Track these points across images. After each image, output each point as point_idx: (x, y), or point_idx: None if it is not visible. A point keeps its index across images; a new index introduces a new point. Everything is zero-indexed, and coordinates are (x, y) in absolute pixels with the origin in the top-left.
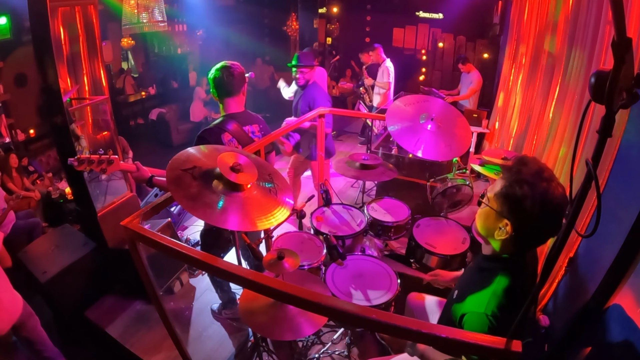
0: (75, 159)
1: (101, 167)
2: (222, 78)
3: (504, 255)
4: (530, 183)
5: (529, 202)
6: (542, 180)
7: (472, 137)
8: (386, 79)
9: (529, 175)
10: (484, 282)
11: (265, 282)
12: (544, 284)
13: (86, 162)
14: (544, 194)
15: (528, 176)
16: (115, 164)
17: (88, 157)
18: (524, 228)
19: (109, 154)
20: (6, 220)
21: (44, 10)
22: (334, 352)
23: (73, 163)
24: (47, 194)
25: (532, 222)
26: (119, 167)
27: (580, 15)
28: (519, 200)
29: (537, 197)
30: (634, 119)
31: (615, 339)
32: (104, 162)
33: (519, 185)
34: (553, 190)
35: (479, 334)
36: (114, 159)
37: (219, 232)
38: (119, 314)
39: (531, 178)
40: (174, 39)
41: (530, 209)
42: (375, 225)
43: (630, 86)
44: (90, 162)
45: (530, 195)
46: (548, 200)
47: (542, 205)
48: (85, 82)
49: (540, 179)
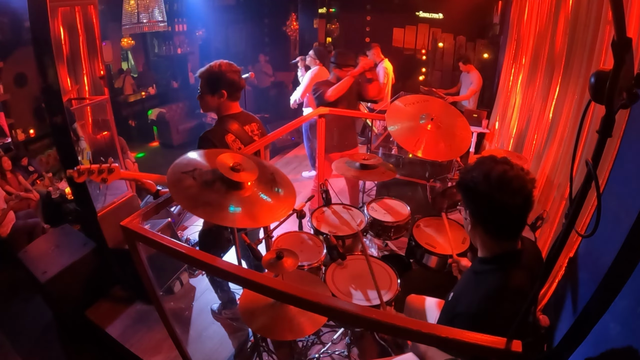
0: (75, 170)
1: (102, 176)
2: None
3: (495, 256)
4: (473, 167)
5: (480, 189)
6: (483, 163)
7: (472, 137)
8: (382, 80)
9: (473, 164)
10: (478, 284)
11: (265, 282)
12: (544, 284)
13: (86, 172)
14: (487, 171)
15: (474, 174)
16: (116, 173)
17: (88, 168)
18: (492, 216)
19: (109, 162)
20: (6, 220)
21: (44, 10)
22: (334, 352)
23: (73, 175)
24: (47, 194)
25: (491, 204)
26: (120, 176)
27: (580, 15)
28: (473, 196)
29: (482, 181)
30: (634, 119)
31: (616, 339)
32: (105, 172)
33: (465, 173)
34: (495, 166)
35: (479, 334)
36: (114, 167)
37: (218, 232)
38: (119, 314)
39: (474, 164)
40: (174, 39)
41: (483, 192)
42: (375, 225)
43: (630, 86)
44: (90, 172)
45: (478, 184)
46: (493, 176)
47: (486, 180)
48: (85, 82)
49: (482, 162)
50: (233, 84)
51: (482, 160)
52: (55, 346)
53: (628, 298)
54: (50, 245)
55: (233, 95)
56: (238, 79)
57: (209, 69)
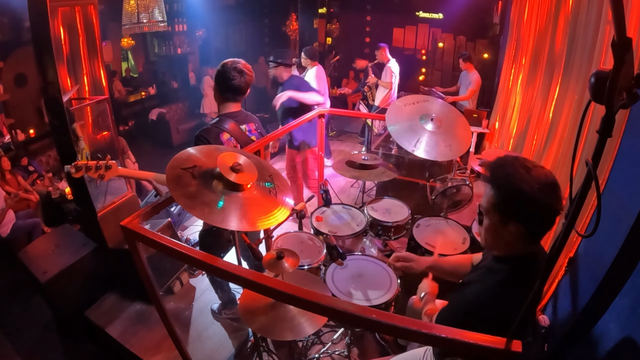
0: (72, 166)
1: (99, 172)
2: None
3: (513, 256)
4: (517, 176)
5: (527, 191)
6: (523, 168)
7: (472, 137)
8: (388, 79)
9: (513, 171)
10: (489, 278)
11: (265, 282)
12: (544, 284)
13: (84, 168)
14: (535, 177)
15: (512, 171)
16: (114, 170)
17: (85, 163)
18: (533, 219)
19: (106, 159)
20: (6, 220)
21: (44, 10)
22: (334, 352)
23: (70, 170)
24: (47, 194)
25: (537, 208)
26: (117, 173)
27: (580, 15)
28: (517, 196)
29: (530, 184)
30: (634, 119)
31: (616, 339)
32: (102, 168)
33: (509, 184)
34: (537, 169)
35: (479, 334)
36: (112, 164)
37: (218, 232)
38: (119, 314)
39: (515, 171)
40: (174, 39)
41: (531, 196)
42: (375, 225)
43: (630, 86)
44: (87, 168)
45: (523, 185)
46: (540, 180)
47: (539, 187)
48: (85, 82)
49: (522, 167)
50: (222, 78)
51: (517, 165)
52: (56, 346)
53: (628, 298)
54: (50, 245)
55: (224, 92)
56: (231, 75)
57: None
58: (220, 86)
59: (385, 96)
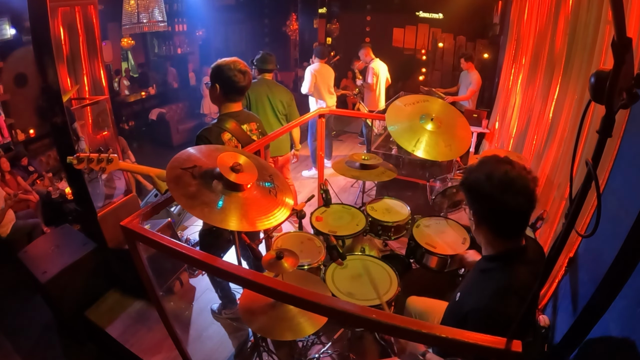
0: (75, 157)
1: (100, 165)
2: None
3: (500, 254)
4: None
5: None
6: (486, 163)
7: (472, 137)
8: (369, 80)
9: (476, 164)
10: (484, 282)
11: (265, 282)
12: (544, 284)
13: (85, 160)
14: (490, 171)
15: (475, 173)
16: (115, 163)
17: (87, 155)
18: (494, 217)
19: (108, 152)
20: (6, 220)
21: (44, 10)
22: (334, 352)
23: (72, 161)
24: (47, 194)
25: (494, 205)
26: (118, 167)
27: (580, 15)
28: (475, 196)
29: (484, 181)
30: (633, 119)
31: (616, 340)
32: (104, 161)
33: (468, 173)
34: (497, 166)
35: (479, 334)
36: (113, 157)
37: (218, 232)
38: (119, 314)
39: (477, 165)
40: (174, 39)
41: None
42: (375, 225)
43: (630, 86)
44: (89, 160)
45: (479, 184)
46: (495, 176)
47: (489, 180)
48: (85, 82)
49: (485, 162)
50: (227, 81)
51: (485, 160)
52: (55, 346)
53: (628, 298)
54: (50, 245)
55: (229, 94)
56: (237, 78)
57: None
58: (225, 88)
59: (371, 98)
